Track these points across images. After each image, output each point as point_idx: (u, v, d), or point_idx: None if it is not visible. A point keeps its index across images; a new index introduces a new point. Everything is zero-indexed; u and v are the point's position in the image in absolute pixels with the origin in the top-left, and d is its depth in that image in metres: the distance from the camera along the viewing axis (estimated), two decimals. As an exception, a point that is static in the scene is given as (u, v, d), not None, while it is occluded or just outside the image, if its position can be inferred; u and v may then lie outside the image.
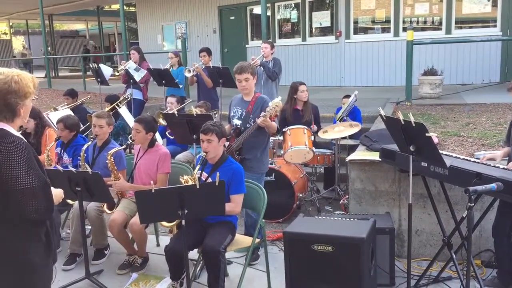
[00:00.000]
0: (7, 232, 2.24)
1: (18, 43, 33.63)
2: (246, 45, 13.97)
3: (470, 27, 10.65)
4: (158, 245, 4.81)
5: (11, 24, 30.14)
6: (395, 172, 4.34)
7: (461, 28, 10.69)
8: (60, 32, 33.84)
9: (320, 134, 5.81)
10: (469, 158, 3.69)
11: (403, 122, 3.22)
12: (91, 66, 9.14)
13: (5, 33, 32.80)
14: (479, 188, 2.80)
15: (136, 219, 4.03)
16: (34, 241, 2.31)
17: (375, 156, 4.36)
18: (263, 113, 4.13)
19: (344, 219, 3.73)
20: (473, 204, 2.76)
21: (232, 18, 14.49)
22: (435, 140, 4.18)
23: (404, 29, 10.59)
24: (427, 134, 3.10)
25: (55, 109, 7.13)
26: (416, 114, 6.61)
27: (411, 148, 3.27)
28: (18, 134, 2.31)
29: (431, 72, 8.51)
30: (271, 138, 4.94)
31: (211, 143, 3.75)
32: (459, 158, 3.70)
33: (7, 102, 2.24)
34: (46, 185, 2.27)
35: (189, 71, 7.30)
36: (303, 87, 6.19)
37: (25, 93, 2.29)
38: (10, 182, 2.15)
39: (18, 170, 2.16)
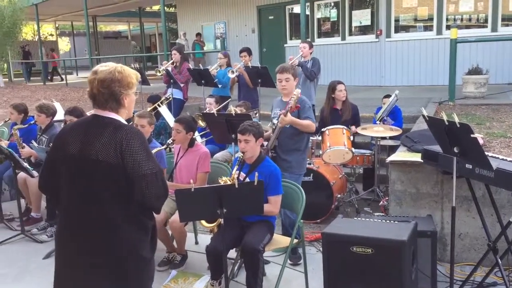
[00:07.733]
0: (124, 223, 2.30)
1: (63, 44, 34.67)
2: (285, 45, 13.93)
3: (517, 24, 10.28)
4: (196, 243, 4.87)
5: (57, 25, 31.15)
6: (437, 174, 4.23)
7: (507, 25, 10.29)
8: (103, 33, 34.72)
9: (358, 129, 5.75)
10: (516, 161, 3.56)
11: (447, 123, 3.14)
12: (133, 66, 9.35)
13: (51, 35, 33.90)
14: (528, 191, 2.70)
15: (176, 217, 4.09)
16: (144, 235, 2.37)
17: (416, 157, 4.26)
18: (280, 111, 4.17)
19: (384, 221, 3.67)
20: (521, 208, 2.66)
21: (271, 17, 14.50)
22: (480, 142, 4.05)
23: (448, 27, 10.30)
24: (472, 135, 3.01)
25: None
26: (460, 115, 6.43)
27: (455, 150, 3.19)
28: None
29: (475, 71, 8.24)
30: (310, 138, 4.92)
31: (248, 143, 3.78)
32: (506, 160, 3.57)
33: (111, 90, 2.33)
34: (162, 172, 2.34)
35: (233, 72, 7.37)
36: (341, 86, 6.12)
37: (128, 83, 2.38)
38: (134, 168, 2.22)
39: (141, 156, 2.24)
